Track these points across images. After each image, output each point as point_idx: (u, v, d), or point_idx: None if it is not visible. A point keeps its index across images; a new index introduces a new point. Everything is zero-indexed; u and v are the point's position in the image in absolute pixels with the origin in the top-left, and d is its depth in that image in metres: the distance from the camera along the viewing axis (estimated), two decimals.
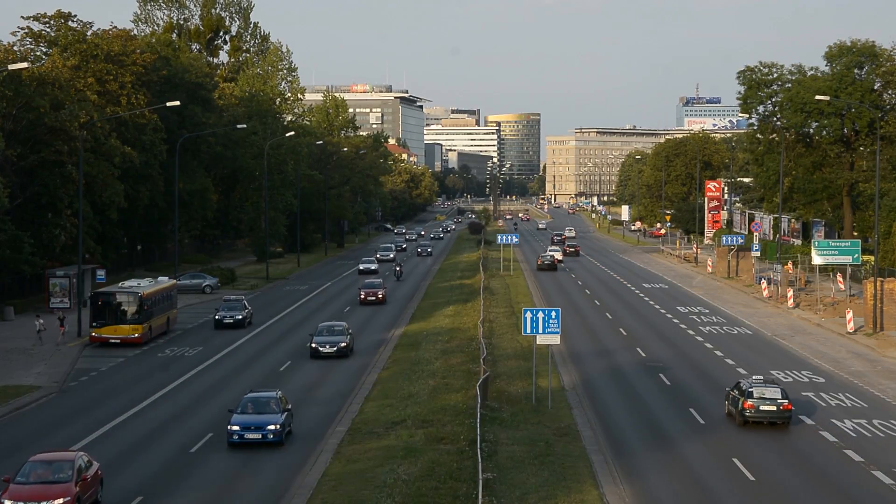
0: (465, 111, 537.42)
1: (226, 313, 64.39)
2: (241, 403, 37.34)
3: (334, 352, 52.98)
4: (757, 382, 40.64)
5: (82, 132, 65.91)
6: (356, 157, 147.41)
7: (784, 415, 39.22)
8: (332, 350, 53.00)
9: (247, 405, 36.98)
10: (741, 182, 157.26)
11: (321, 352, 52.90)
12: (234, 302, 66.13)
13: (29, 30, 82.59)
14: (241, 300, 67.00)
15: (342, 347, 53.26)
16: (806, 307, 74.13)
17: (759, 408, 39.29)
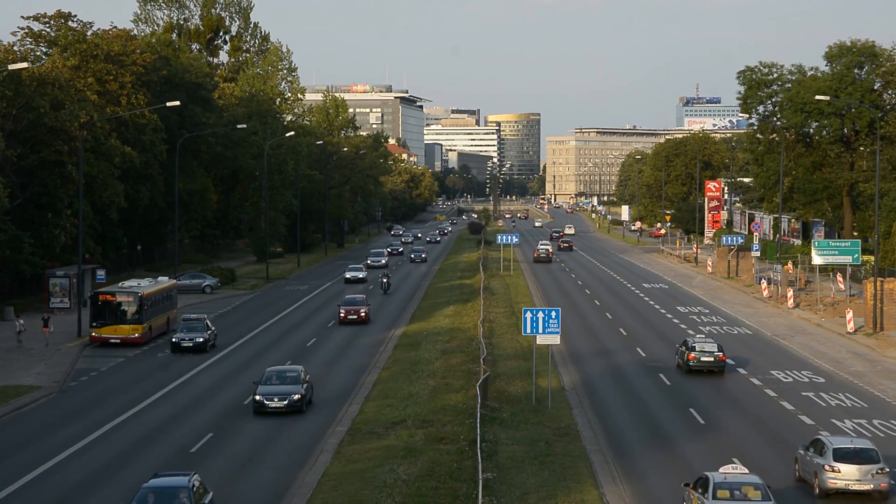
0: (465, 111, 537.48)
1: (184, 335, 55.73)
2: None
3: (284, 406, 40.61)
4: (699, 339, 50.60)
5: (82, 132, 65.92)
6: (356, 157, 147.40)
7: (719, 364, 48.53)
8: (282, 405, 40.61)
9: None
10: (741, 182, 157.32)
11: (268, 407, 40.57)
12: (195, 322, 57.08)
13: (29, 30, 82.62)
14: (204, 320, 57.62)
15: (295, 401, 40.81)
16: (806, 307, 74.13)
17: (700, 359, 48.38)
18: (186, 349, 55.26)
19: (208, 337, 56.34)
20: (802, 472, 32.37)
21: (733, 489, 27.63)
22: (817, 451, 31.64)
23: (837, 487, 30.67)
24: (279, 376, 42.41)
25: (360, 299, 68.19)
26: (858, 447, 31.58)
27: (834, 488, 30.70)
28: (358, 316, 65.91)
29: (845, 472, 30.64)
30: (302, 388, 41.51)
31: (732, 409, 42.68)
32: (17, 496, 31.02)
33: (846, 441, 32.45)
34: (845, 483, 30.64)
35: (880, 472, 30.74)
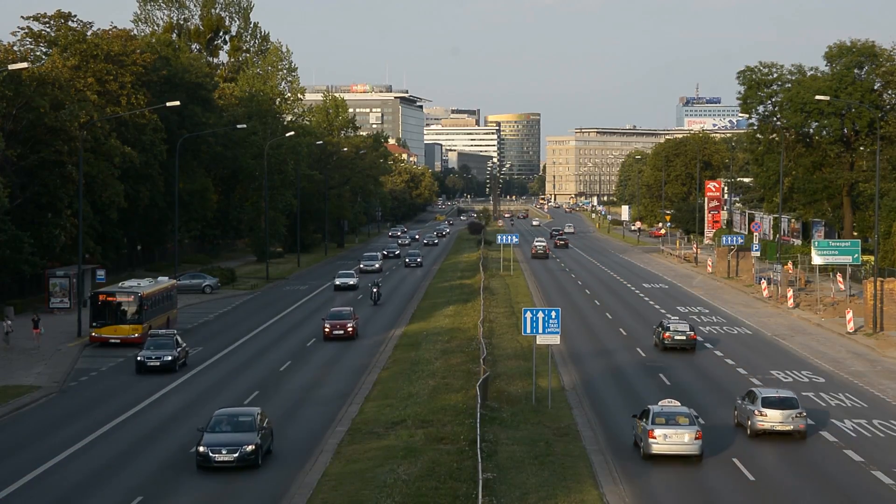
0: (465, 111, 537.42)
1: (150, 353, 50.00)
2: None
3: (234, 460, 33.34)
4: (673, 321, 58.49)
5: (82, 132, 65.93)
6: (356, 157, 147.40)
7: (690, 342, 55.58)
8: (232, 458, 33.32)
9: None
10: (741, 182, 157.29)
11: (214, 461, 33.25)
12: (164, 338, 51.46)
13: (29, 30, 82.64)
14: (173, 336, 52.23)
15: (248, 454, 33.48)
16: (806, 307, 74.13)
17: (674, 337, 55.52)
18: (153, 369, 49.54)
19: (178, 354, 50.54)
20: (739, 418, 38.77)
21: (667, 417, 34.75)
22: (750, 400, 37.99)
23: (765, 428, 36.93)
24: (230, 421, 34.60)
25: (346, 312, 62.03)
26: (782, 396, 38.03)
27: (762, 429, 36.95)
28: (345, 331, 60.15)
29: (771, 416, 37.00)
30: (257, 436, 33.97)
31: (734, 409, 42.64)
32: (17, 496, 31.03)
33: (772, 391, 38.80)
34: (771, 425, 36.93)
35: (799, 416, 37.05)
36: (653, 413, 34.91)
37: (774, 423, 36.83)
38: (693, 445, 34.32)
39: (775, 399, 37.50)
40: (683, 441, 34.34)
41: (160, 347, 50.41)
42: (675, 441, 34.34)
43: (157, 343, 50.88)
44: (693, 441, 34.33)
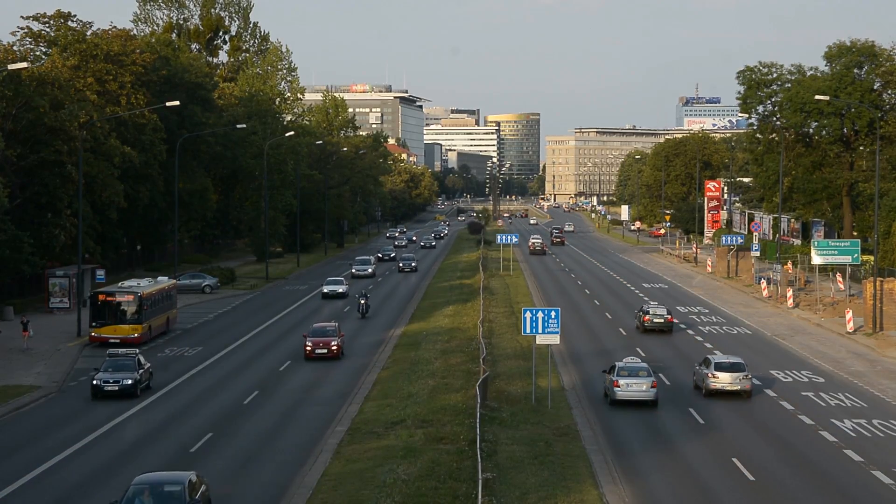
0: (465, 111, 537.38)
1: (107, 376, 43.84)
2: None
3: None
4: (652, 305, 64.57)
5: (82, 132, 65.93)
6: (356, 156, 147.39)
7: (668, 324, 62.20)
8: None
9: None
10: (741, 182, 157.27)
11: None
12: (123, 359, 45.05)
13: (28, 30, 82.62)
14: (135, 356, 45.54)
15: None
16: (805, 307, 74.13)
17: (653, 320, 62.13)
18: (110, 394, 43.57)
19: (139, 377, 44.47)
20: (696, 380, 46.01)
21: (629, 370, 42.60)
22: (705, 365, 45.16)
23: (717, 388, 44.12)
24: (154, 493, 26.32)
25: (331, 329, 55.42)
26: (732, 361, 45.46)
27: (714, 389, 44.12)
28: (328, 349, 53.41)
29: (722, 378, 44.15)
30: None
31: (733, 408, 42.65)
32: (17, 496, 31.01)
33: (724, 358, 46.32)
34: (721, 385, 44.07)
35: (745, 378, 44.29)
36: (618, 367, 43.03)
37: (724, 384, 43.96)
38: (649, 392, 42.13)
39: (726, 364, 44.80)
40: (642, 389, 42.09)
41: (119, 369, 44.21)
42: (635, 389, 42.01)
43: (117, 364, 44.59)
44: (649, 389, 42.16)
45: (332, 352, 53.53)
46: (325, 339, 53.98)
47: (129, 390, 43.83)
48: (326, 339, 53.98)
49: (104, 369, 44.29)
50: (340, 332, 55.65)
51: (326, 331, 55.11)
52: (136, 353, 46.41)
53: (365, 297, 71.07)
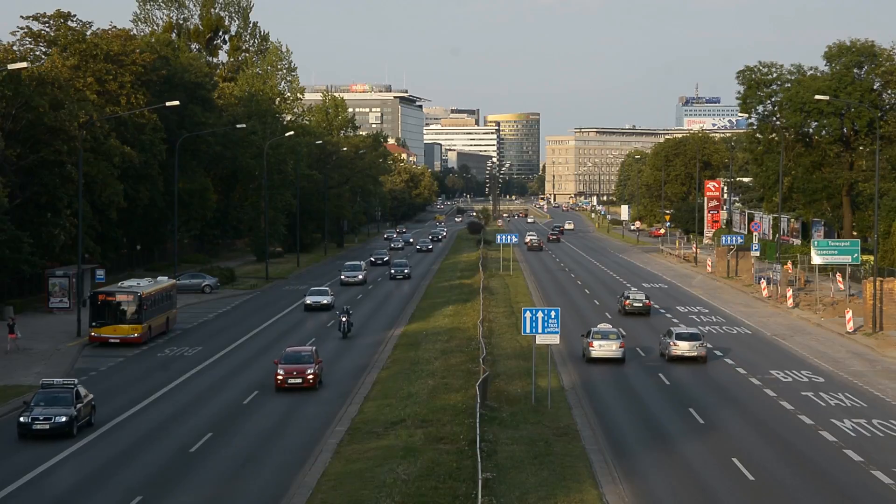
0: (465, 111, 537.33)
1: (39, 411, 37.04)
2: None
3: None
4: (632, 291, 72.84)
5: (82, 132, 65.93)
6: (356, 156, 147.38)
7: (646, 308, 69.92)
8: None
9: None
10: (741, 182, 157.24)
11: None
12: (59, 391, 37.99)
13: (28, 29, 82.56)
14: (73, 387, 38.34)
15: None
16: (805, 307, 74.12)
17: (633, 304, 70.03)
18: (40, 434, 36.70)
19: (77, 413, 37.61)
20: (661, 349, 53.98)
21: (602, 334, 52.52)
22: (668, 336, 53.43)
23: (677, 354, 52.26)
24: None
25: (306, 354, 47.29)
26: (690, 332, 53.73)
27: (675, 355, 52.28)
28: (304, 379, 45.54)
29: (681, 346, 52.27)
30: None
31: (733, 408, 42.68)
32: (17, 496, 31.00)
33: (684, 329, 54.71)
34: (681, 352, 52.16)
35: (700, 346, 52.49)
36: (592, 331, 53.07)
37: (683, 351, 52.19)
38: (618, 352, 51.85)
39: (686, 334, 53.25)
40: (612, 349, 51.77)
41: (53, 403, 37.35)
42: (606, 349, 51.75)
43: (50, 397, 37.62)
44: (618, 349, 51.92)
45: (308, 382, 45.57)
46: (300, 366, 46.09)
47: (63, 429, 36.85)
48: (301, 366, 46.07)
49: (35, 403, 37.42)
50: (318, 358, 47.43)
51: (301, 356, 46.90)
52: (75, 383, 38.79)
53: (347, 313, 61.39)
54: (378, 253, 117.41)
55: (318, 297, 73.45)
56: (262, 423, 40.04)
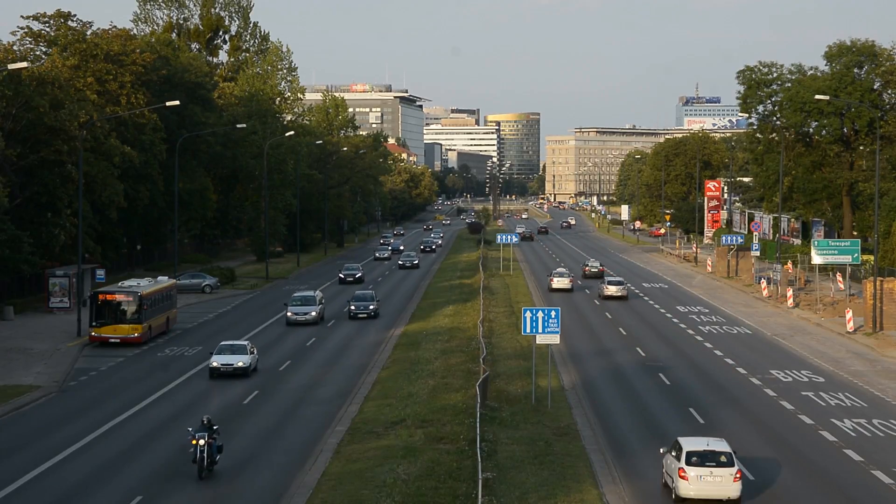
0: (465, 111, 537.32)
1: None
2: None
3: None
4: (610, 277, 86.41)
5: (82, 132, 65.93)
6: (356, 156, 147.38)
7: (624, 295, 79.64)
8: None
9: None
10: (741, 182, 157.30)
11: None
12: None
13: (28, 29, 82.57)
14: None
15: None
16: (805, 307, 74.10)
17: (591, 269, 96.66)
18: None
19: None
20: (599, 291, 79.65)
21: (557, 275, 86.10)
22: (602, 281, 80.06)
23: (607, 294, 78.38)
24: None
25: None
26: (616, 279, 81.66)
27: (605, 295, 78.31)
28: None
29: (610, 288, 78.59)
30: None
31: (733, 408, 42.67)
32: (17, 496, 31.00)
33: (612, 276, 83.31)
34: (609, 293, 78.24)
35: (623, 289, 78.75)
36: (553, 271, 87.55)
37: (612, 292, 78.51)
38: (569, 285, 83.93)
39: (614, 280, 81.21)
40: (565, 283, 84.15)
41: None
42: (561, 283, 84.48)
43: None
44: (569, 283, 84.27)
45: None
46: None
47: None
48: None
49: None
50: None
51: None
52: None
53: (209, 430, 32.42)
54: (348, 268, 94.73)
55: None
56: (263, 422, 40.05)
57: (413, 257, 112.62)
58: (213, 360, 48.21)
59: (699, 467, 29.54)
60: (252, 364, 48.91)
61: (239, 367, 47.53)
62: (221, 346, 49.51)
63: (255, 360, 49.66)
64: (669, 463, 30.87)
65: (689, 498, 29.75)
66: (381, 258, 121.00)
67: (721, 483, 29.52)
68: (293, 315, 65.88)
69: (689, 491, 29.55)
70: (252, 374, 48.62)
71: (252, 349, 49.73)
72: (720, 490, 29.50)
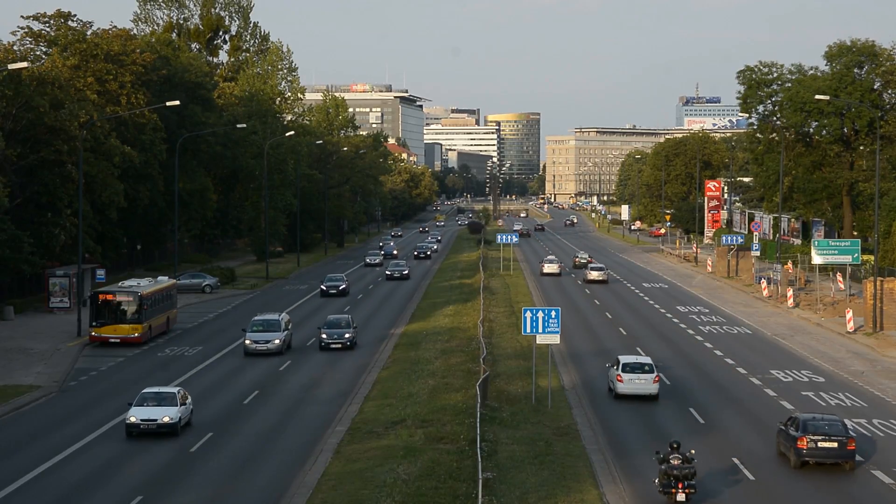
0: (465, 111, 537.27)
1: None
2: None
3: None
4: (594, 264, 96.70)
5: (82, 132, 65.92)
6: (356, 156, 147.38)
7: (605, 279, 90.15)
8: None
9: None
10: (741, 182, 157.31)
11: None
12: None
13: (29, 29, 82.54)
14: None
15: None
16: (806, 307, 74.11)
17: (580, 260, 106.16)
18: None
19: None
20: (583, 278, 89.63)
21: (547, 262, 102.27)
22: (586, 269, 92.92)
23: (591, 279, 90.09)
24: None
25: None
26: (599, 266, 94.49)
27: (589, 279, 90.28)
28: None
29: (593, 273, 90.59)
30: None
31: (734, 408, 42.68)
32: (17, 496, 31.00)
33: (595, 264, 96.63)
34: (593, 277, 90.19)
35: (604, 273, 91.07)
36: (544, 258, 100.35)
37: (594, 276, 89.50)
38: (558, 270, 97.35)
39: (596, 266, 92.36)
40: (554, 269, 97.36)
41: None
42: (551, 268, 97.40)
43: None
44: (558, 268, 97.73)
45: None
46: None
47: None
48: None
49: None
50: None
51: None
52: None
53: None
54: (331, 279, 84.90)
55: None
56: (263, 422, 40.04)
57: (402, 267, 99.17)
58: (131, 415, 37.50)
59: (630, 373, 42.92)
60: (183, 417, 38.27)
61: (164, 425, 36.78)
62: (143, 394, 38.57)
63: (187, 413, 38.83)
64: (611, 373, 44.15)
65: (623, 394, 42.81)
66: (371, 264, 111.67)
67: (644, 384, 42.70)
68: (252, 343, 54.46)
69: (624, 389, 42.78)
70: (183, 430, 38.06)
71: (184, 397, 39.15)
72: (644, 388, 42.70)
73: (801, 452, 32.95)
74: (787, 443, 33.97)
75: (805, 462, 33.14)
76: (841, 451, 32.83)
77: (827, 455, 32.91)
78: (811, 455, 32.87)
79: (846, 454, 32.92)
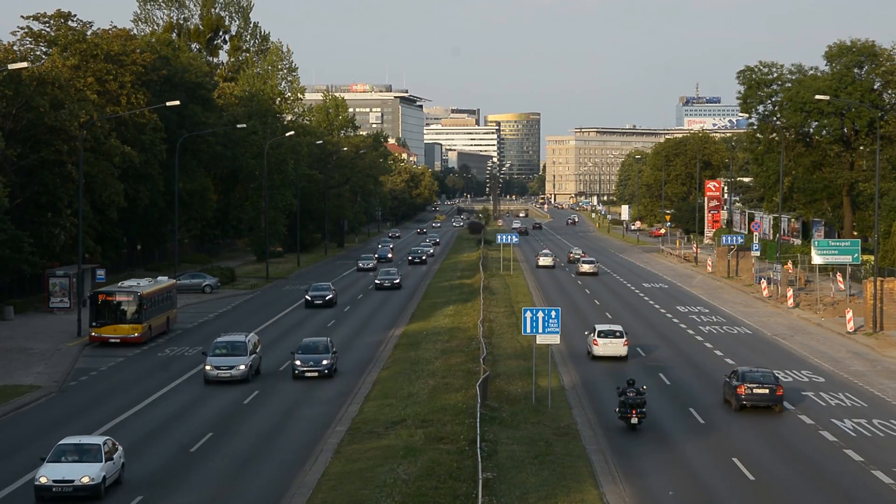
0: (465, 111, 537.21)
1: None
2: None
3: None
4: (585, 258, 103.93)
5: (82, 132, 65.91)
6: (356, 156, 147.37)
7: (595, 272, 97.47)
8: None
9: None
10: (741, 182, 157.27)
11: None
12: None
13: (29, 29, 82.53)
14: None
15: None
16: (806, 307, 74.10)
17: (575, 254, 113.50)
18: None
19: None
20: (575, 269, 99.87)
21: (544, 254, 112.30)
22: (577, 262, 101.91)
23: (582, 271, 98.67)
24: None
25: None
26: (589, 259, 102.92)
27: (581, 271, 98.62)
28: None
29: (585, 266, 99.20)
30: None
31: (734, 409, 42.65)
32: (17, 496, 30.99)
33: (587, 257, 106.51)
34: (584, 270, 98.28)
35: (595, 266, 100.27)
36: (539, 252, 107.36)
37: (585, 269, 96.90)
38: (551, 263, 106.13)
39: (587, 260, 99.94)
40: (548, 261, 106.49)
41: None
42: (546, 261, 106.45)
43: None
44: (552, 261, 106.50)
45: None
46: None
47: None
48: None
49: None
50: None
51: None
52: None
53: None
54: (317, 288, 77.64)
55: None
56: (263, 422, 40.03)
57: (393, 275, 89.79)
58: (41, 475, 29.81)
59: (604, 338, 52.29)
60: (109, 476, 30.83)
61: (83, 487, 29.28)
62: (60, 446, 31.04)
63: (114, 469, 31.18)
64: (589, 339, 53.52)
65: (598, 356, 52.03)
66: (364, 268, 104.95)
67: (616, 347, 52.07)
68: (213, 370, 47.14)
69: (599, 351, 52.07)
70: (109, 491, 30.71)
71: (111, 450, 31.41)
72: (615, 350, 52.05)
73: (740, 397, 40.91)
74: (729, 391, 41.91)
75: (743, 405, 40.94)
76: (772, 395, 40.91)
77: (760, 399, 40.85)
78: (748, 399, 40.82)
79: (776, 398, 41.02)
